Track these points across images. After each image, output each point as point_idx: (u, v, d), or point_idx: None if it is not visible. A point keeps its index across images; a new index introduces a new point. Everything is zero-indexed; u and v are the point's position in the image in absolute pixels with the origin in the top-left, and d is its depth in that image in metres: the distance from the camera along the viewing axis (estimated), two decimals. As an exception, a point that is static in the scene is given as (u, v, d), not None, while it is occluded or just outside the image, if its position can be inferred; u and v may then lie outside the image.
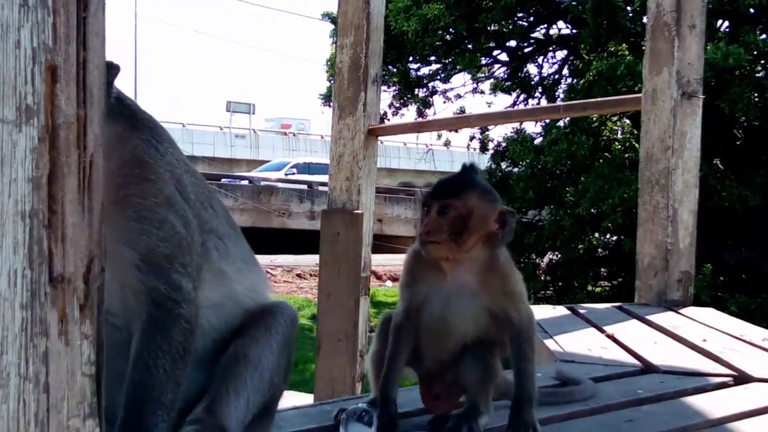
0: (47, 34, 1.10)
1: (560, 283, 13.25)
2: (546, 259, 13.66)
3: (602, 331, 3.92)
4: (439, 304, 2.22)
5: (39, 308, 1.09)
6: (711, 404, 2.60)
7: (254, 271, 2.22)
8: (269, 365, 2.01)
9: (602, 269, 13.62)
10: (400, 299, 2.31)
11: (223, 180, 30.20)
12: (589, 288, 13.20)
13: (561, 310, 4.75)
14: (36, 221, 1.09)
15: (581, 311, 4.59)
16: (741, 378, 2.97)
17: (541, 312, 4.59)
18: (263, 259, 22.37)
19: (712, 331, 3.97)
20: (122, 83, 1.94)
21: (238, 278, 2.12)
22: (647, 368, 3.14)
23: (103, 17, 1.19)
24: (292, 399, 8.49)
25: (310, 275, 20.75)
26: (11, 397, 1.07)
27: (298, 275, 21.37)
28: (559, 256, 12.97)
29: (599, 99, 8.06)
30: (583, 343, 3.63)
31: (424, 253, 2.19)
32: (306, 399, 8.03)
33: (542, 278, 13.16)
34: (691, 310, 4.67)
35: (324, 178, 33.62)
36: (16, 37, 1.07)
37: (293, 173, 33.77)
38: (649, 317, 4.33)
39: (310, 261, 21.38)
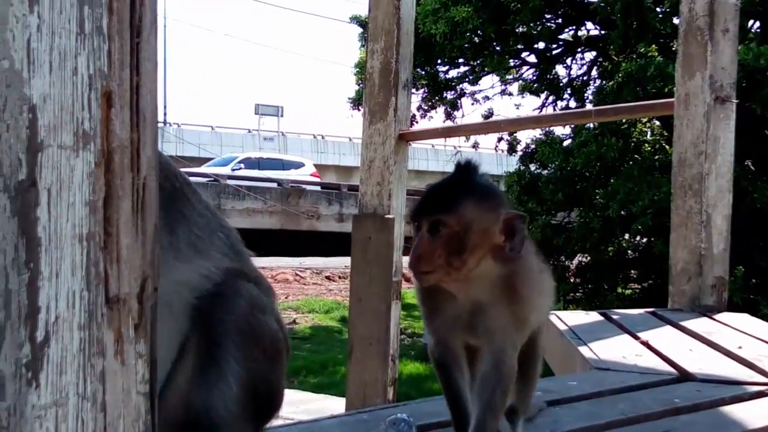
0: (102, 61, 1.12)
1: (590, 286, 13.21)
2: (575, 262, 13.62)
3: (636, 338, 3.90)
4: (461, 322, 1.92)
5: (96, 329, 1.11)
6: (749, 414, 2.58)
7: None
8: (233, 398, 1.81)
9: (632, 271, 13.57)
10: (425, 329, 2.02)
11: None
12: (619, 290, 13.16)
13: (594, 316, 4.74)
14: (92, 244, 1.11)
15: (614, 317, 4.58)
16: (778, 386, 2.96)
17: (574, 318, 4.59)
18: (292, 262, 22.59)
19: (748, 337, 3.94)
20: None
21: None
22: (683, 376, 3.13)
23: (155, 43, 1.21)
24: (323, 402, 8.56)
25: (339, 277, 20.84)
26: (70, 416, 1.10)
27: (327, 277, 21.45)
28: (589, 258, 12.94)
29: (631, 104, 8.01)
30: (617, 350, 3.62)
31: (418, 283, 1.90)
32: (337, 402, 8.09)
33: (571, 281, 13.13)
34: (725, 316, 4.64)
35: (275, 174, 32.30)
36: (74, 65, 1.10)
37: (240, 168, 32.08)
38: (683, 323, 4.31)
39: (339, 263, 21.50)
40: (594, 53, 14.72)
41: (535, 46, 14.66)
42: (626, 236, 12.80)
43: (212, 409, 1.79)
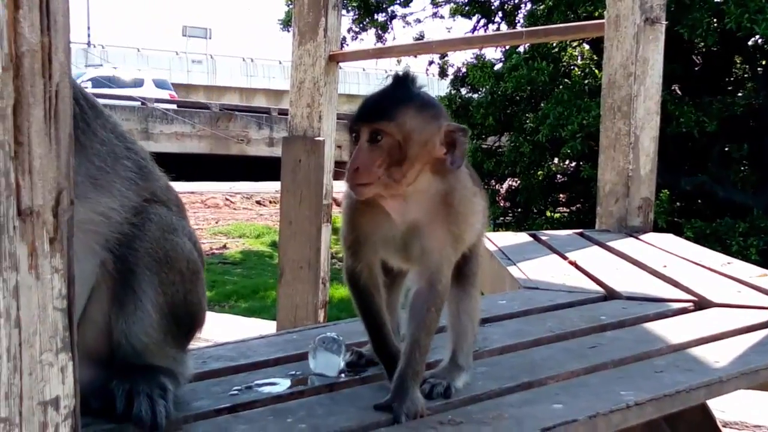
0: (8, -42, 1.05)
1: (519, 209, 13.38)
2: (505, 186, 13.75)
3: (565, 258, 3.95)
4: (394, 245, 1.88)
5: (8, 242, 1.06)
6: (672, 330, 2.63)
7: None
8: (152, 324, 1.78)
9: (561, 195, 13.76)
10: (345, 254, 1.95)
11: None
12: (548, 214, 13.35)
13: (523, 237, 4.78)
14: (2, 153, 1.05)
15: (543, 238, 4.62)
16: (700, 303, 3.02)
17: (503, 239, 4.62)
18: (222, 186, 22.38)
19: (672, 257, 4.02)
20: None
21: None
22: (609, 295, 3.18)
23: (66, -60, 1.14)
24: (254, 325, 8.53)
25: (270, 202, 20.77)
26: (-18, 333, 1.05)
27: (258, 202, 21.34)
28: (519, 182, 13.07)
29: (562, 25, 8.01)
30: (546, 270, 3.66)
31: (355, 195, 1.81)
32: (267, 325, 8.08)
33: (501, 205, 13.27)
34: (651, 236, 4.72)
35: (125, 91, 31.23)
36: (-24, -39, 1.02)
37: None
38: (610, 243, 4.37)
39: (269, 188, 21.38)
40: (526, -24, 14.63)
41: (467, -33, 14.53)
42: (556, 160, 12.94)
43: (133, 337, 1.76)
